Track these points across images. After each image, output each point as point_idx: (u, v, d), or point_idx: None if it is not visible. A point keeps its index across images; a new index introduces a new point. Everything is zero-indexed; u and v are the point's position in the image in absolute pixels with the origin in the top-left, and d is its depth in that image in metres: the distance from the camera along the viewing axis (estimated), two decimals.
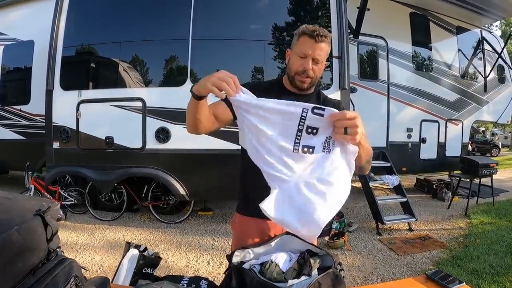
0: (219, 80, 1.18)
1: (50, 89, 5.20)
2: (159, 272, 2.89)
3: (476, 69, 8.32)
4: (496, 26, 24.00)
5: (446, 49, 7.73)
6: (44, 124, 5.47)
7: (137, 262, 2.02)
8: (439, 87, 7.49)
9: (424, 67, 7.45)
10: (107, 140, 5.06)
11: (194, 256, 4.19)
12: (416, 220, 5.39)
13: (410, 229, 5.29)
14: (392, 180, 5.77)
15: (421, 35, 7.36)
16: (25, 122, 6.77)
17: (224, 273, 1.48)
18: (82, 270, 1.13)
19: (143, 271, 2.01)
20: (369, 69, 6.80)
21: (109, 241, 4.69)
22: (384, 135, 6.73)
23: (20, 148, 6.86)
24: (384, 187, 7.85)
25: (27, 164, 5.65)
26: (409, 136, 7.05)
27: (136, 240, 4.68)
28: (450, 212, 6.35)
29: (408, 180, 9.39)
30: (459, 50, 7.95)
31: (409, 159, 7.11)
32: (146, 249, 2.14)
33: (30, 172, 5.63)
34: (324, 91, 4.95)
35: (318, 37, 1.48)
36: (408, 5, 7.06)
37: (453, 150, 7.66)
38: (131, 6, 5.48)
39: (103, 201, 5.96)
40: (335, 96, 4.86)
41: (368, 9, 5.56)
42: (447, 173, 8.48)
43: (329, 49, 1.56)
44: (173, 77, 5.27)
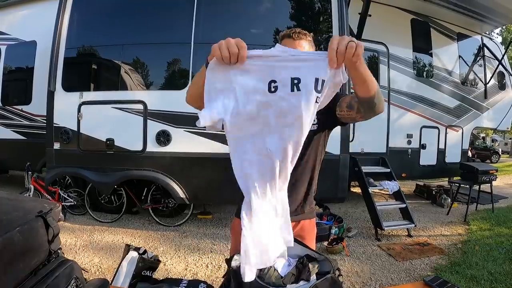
0: (225, 47, 1.17)
1: (52, 90, 5.21)
2: (158, 275, 2.89)
3: (477, 76, 8.32)
4: (497, 33, 24.02)
5: (447, 56, 7.74)
6: (45, 125, 5.49)
7: (137, 265, 2.02)
8: (440, 94, 7.50)
9: (425, 73, 7.46)
10: (108, 142, 5.07)
11: (193, 259, 4.18)
12: (415, 226, 5.39)
13: (409, 235, 5.29)
14: (392, 186, 5.77)
15: (422, 41, 7.37)
16: (26, 122, 6.78)
17: (223, 277, 1.48)
18: (82, 272, 1.14)
19: (142, 274, 2.01)
20: None
21: (108, 243, 4.69)
22: (384, 141, 6.73)
23: (21, 148, 6.87)
24: (384, 193, 7.85)
25: (27, 164, 5.65)
26: (409, 142, 7.05)
27: (135, 243, 4.67)
28: (449, 218, 6.35)
29: (408, 186, 9.39)
30: (460, 57, 7.96)
31: (409, 165, 7.11)
32: (146, 252, 2.14)
33: (30, 172, 5.63)
34: None
35: (295, 35, 1.56)
36: (409, 12, 7.08)
37: (453, 156, 7.66)
38: (134, 9, 5.50)
39: (103, 203, 5.97)
40: None
41: (370, 15, 5.57)
42: (447, 179, 8.48)
43: (312, 47, 1.61)
44: (175, 81, 5.29)
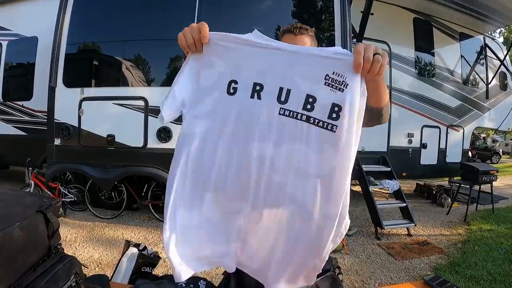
0: (184, 34, 1.11)
1: (53, 86, 5.21)
2: (158, 271, 2.89)
3: (478, 76, 8.31)
4: (499, 33, 23.97)
5: (449, 55, 7.73)
6: (46, 121, 5.49)
7: (136, 261, 2.02)
8: (441, 93, 7.49)
9: (427, 73, 7.45)
10: (109, 138, 5.07)
11: None
12: (415, 226, 5.39)
13: (409, 234, 5.29)
14: (392, 185, 5.77)
15: (424, 41, 7.36)
16: (27, 118, 6.77)
17: (223, 274, 1.48)
18: (82, 268, 1.14)
19: (142, 270, 2.01)
20: None
21: (108, 239, 4.69)
22: (385, 140, 6.72)
23: (21, 144, 6.86)
24: (384, 192, 7.85)
25: (28, 160, 5.65)
26: (410, 142, 7.05)
27: (135, 239, 4.68)
28: (449, 218, 6.35)
29: (408, 185, 9.38)
30: (462, 57, 7.95)
31: (410, 164, 7.11)
32: (146, 248, 2.14)
33: (31, 168, 5.63)
34: None
35: (296, 30, 1.52)
36: (412, 11, 7.06)
37: (454, 156, 7.66)
38: (136, 5, 5.49)
39: (103, 199, 5.97)
40: None
41: (372, 14, 5.56)
42: (447, 179, 8.47)
43: (314, 43, 1.57)
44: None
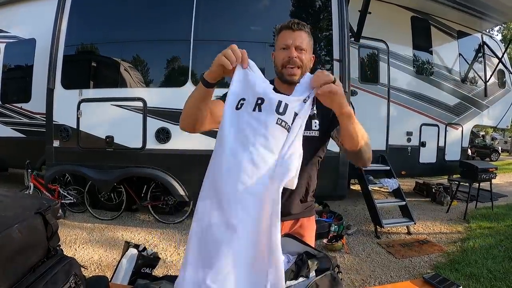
0: (231, 53, 1.27)
1: (51, 88, 5.20)
2: (158, 272, 2.89)
3: (477, 74, 8.32)
4: (497, 31, 24.00)
5: (447, 53, 7.74)
6: (45, 123, 5.48)
7: (136, 262, 2.01)
8: (440, 91, 7.49)
9: (425, 71, 7.46)
10: (107, 140, 5.07)
11: None
12: (415, 224, 5.40)
13: (409, 233, 5.29)
14: (391, 184, 5.77)
15: (422, 39, 7.37)
16: (26, 120, 6.77)
17: None
18: (81, 269, 1.14)
19: (142, 271, 2.00)
20: (370, 73, 6.80)
21: (108, 240, 4.69)
22: (384, 139, 6.73)
23: (20, 146, 6.86)
24: (383, 191, 7.86)
25: (27, 162, 5.65)
26: (409, 140, 7.05)
27: (135, 240, 4.68)
28: (449, 216, 6.35)
29: (407, 184, 9.39)
30: (460, 55, 7.96)
31: (409, 163, 7.11)
32: (145, 249, 2.14)
33: (30, 170, 5.63)
34: None
35: (294, 25, 1.50)
36: (410, 9, 7.07)
37: (453, 154, 7.66)
38: (133, 6, 5.49)
39: (102, 200, 5.97)
40: None
41: (370, 13, 5.55)
42: (446, 177, 8.48)
43: (311, 40, 1.56)
44: (174, 78, 5.28)
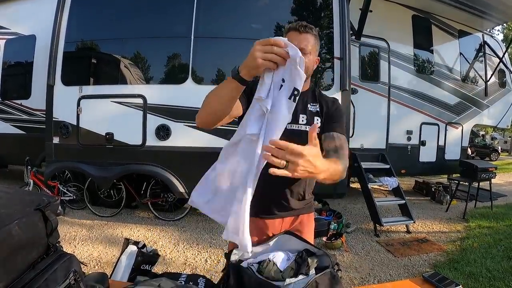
0: (267, 53, 1.17)
1: (51, 84, 5.20)
2: (157, 269, 2.89)
3: (477, 73, 8.32)
4: (498, 31, 23.99)
5: (448, 53, 7.74)
6: (45, 119, 5.48)
7: (136, 259, 2.01)
8: (440, 90, 7.49)
9: (425, 70, 7.45)
10: (107, 136, 5.07)
11: (192, 254, 4.19)
12: (414, 223, 5.40)
13: (408, 231, 5.30)
14: (391, 182, 5.77)
15: (423, 38, 7.36)
16: (26, 117, 6.76)
17: (222, 271, 1.48)
18: (81, 265, 1.14)
19: (141, 268, 2.00)
20: (370, 71, 6.79)
21: (108, 237, 4.69)
22: (384, 137, 6.73)
23: (20, 143, 6.85)
24: (383, 189, 7.86)
25: (27, 159, 5.64)
26: (409, 139, 7.05)
27: (135, 237, 4.68)
28: (448, 215, 6.36)
29: (407, 183, 9.40)
30: (461, 54, 7.95)
31: (409, 162, 7.12)
32: (145, 246, 2.14)
33: (30, 167, 5.62)
34: (325, 92, 4.98)
35: (301, 28, 1.50)
36: (411, 8, 7.06)
37: (453, 154, 7.67)
38: (134, 3, 5.49)
39: (102, 197, 5.97)
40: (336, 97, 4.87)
41: (371, 11, 5.55)
42: (446, 176, 8.48)
43: (316, 43, 1.56)
44: (175, 75, 5.27)
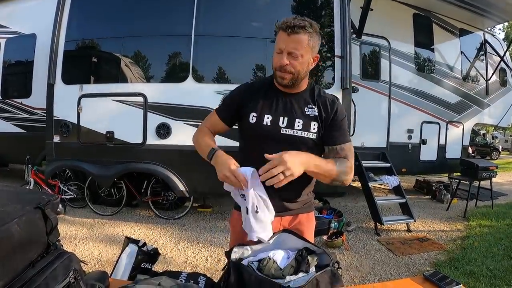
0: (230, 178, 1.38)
1: (52, 83, 5.21)
2: (158, 268, 2.89)
3: (478, 72, 8.31)
4: (500, 29, 23.96)
5: (449, 51, 7.73)
6: (45, 118, 5.48)
7: (136, 257, 2.02)
8: (441, 89, 7.49)
9: (426, 69, 7.45)
10: (108, 135, 5.07)
11: (193, 252, 4.19)
12: (415, 221, 5.40)
13: (409, 230, 5.29)
14: (392, 181, 5.76)
15: (424, 37, 7.35)
16: (26, 116, 6.76)
17: (223, 270, 1.48)
18: (81, 264, 1.14)
19: (142, 266, 2.01)
20: (371, 69, 6.79)
21: (108, 236, 4.69)
22: (385, 136, 6.73)
23: (21, 142, 6.86)
24: (384, 188, 7.86)
25: (27, 158, 5.65)
26: (410, 137, 7.05)
27: (135, 235, 4.68)
28: (449, 214, 6.35)
29: (408, 181, 9.39)
30: (462, 53, 7.94)
31: (409, 160, 7.11)
32: (145, 244, 2.14)
33: (30, 166, 5.63)
34: (326, 90, 4.98)
35: (289, 29, 1.42)
36: (412, 6, 7.06)
37: (453, 152, 7.67)
38: (134, 1, 5.48)
39: (103, 196, 5.97)
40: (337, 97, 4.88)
41: (372, 9, 5.55)
42: (447, 175, 8.48)
43: (312, 40, 1.47)
44: (175, 73, 5.27)
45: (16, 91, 7.07)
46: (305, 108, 1.57)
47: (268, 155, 1.33)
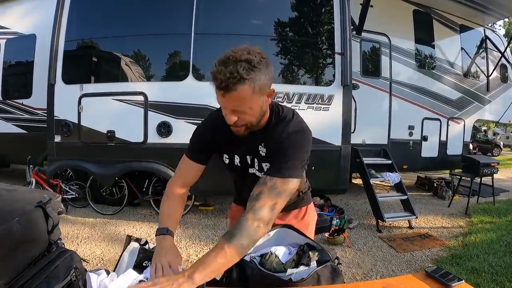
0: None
1: (52, 83, 5.20)
2: None
3: (479, 68, 8.29)
4: (500, 25, 23.92)
5: (449, 48, 7.71)
6: (46, 118, 5.48)
7: (138, 255, 2.01)
8: (442, 85, 7.47)
9: (427, 65, 7.43)
10: (109, 134, 5.07)
11: (195, 251, 4.20)
12: (416, 218, 5.39)
13: (410, 227, 5.29)
14: (393, 178, 5.76)
15: (424, 33, 7.34)
16: (27, 116, 6.78)
17: None
18: (83, 262, 1.14)
19: (144, 265, 2.01)
20: (372, 66, 6.78)
21: (110, 235, 4.70)
22: (386, 133, 6.72)
23: (22, 142, 6.86)
24: (385, 185, 7.86)
25: (29, 158, 5.66)
26: (411, 134, 7.04)
27: (137, 234, 4.69)
28: (451, 211, 6.35)
29: (409, 178, 9.39)
30: (462, 49, 7.93)
31: (410, 157, 7.10)
32: (147, 243, 2.14)
33: (32, 166, 5.64)
34: (326, 88, 4.98)
35: (222, 90, 1.14)
36: (412, 3, 7.04)
37: (455, 149, 7.66)
38: (133, 0, 5.48)
39: (104, 195, 5.98)
40: (337, 94, 4.88)
41: (372, 6, 5.54)
42: (448, 172, 8.47)
43: (255, 86, 1.15)
44: (175, 72, 5.27)
45: (17, 92, 7.09)
46: (259, 147, 1.41)
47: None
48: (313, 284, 1.24)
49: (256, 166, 1.44)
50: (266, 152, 1.39)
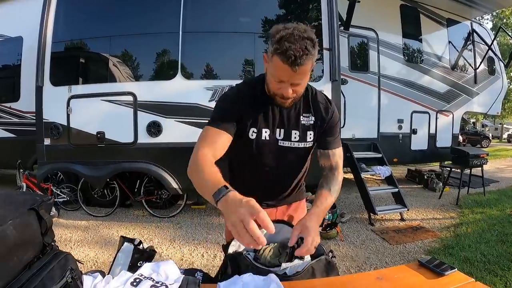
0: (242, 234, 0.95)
1: (40, 85, 5.14)
2: None
3: (466, 61, 8.37)
4: (487, 19, 24.18)
5: (437, 41, 7.78)
6: (35, 121, 5.42)
7: (132, 256, 2.02)
8: (430, 79, 7.54)
9: (415, 59, 7.49)
10: (99, 136, 5.03)
11: (188, 250, 4.19)
12: (408, 210, 5.45)
13: (402, 219, 5.35)
14: (384, 171, 5.81)
15: (412, 27, 7.39)
16: (15, 120, 6.68)
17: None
18: (78, 264, 1.14)
19: (138, 265, 2.01)
20: (360, 61, 6.81)
21: (103, 237, 4.68)
22: (375, 127, 6.77)
23: (11, 146, 6.77)
24: (376, 178, 7.92)
25: (18, 162, 5.60)
26: (400, 127, 7.10)
27: (130, 235, 4.66)
28: (441, 202, 6.42)
29: (400, 171, 9.47)
30: (450, 42, 8.00)
31: (400, 150, 7.17)
32: (141, 243, 2.14)
33: (22, 170, 5.58)
34: (315, 83, 4.99)
35: (296, 66, 1.18)
36: None
37: (444, 141, 7.74)
38: (121, 0, 5.44)
39: (96, 197, 5.94)
40: (326, 89, 4.88)
41: (359, 1, 5.55)
42: (438, 164, 8.55)
43: (313, 61, 1.26)
44: (164, 71, 5.24)
45: (4, 96, 6.97)
46: (301, 118, 1.50)
47: (293, 233, 1.27)
48: (308, 278, 1.25)
49: (296, 138, 1.52)
50: (314, 121, 1.52)
